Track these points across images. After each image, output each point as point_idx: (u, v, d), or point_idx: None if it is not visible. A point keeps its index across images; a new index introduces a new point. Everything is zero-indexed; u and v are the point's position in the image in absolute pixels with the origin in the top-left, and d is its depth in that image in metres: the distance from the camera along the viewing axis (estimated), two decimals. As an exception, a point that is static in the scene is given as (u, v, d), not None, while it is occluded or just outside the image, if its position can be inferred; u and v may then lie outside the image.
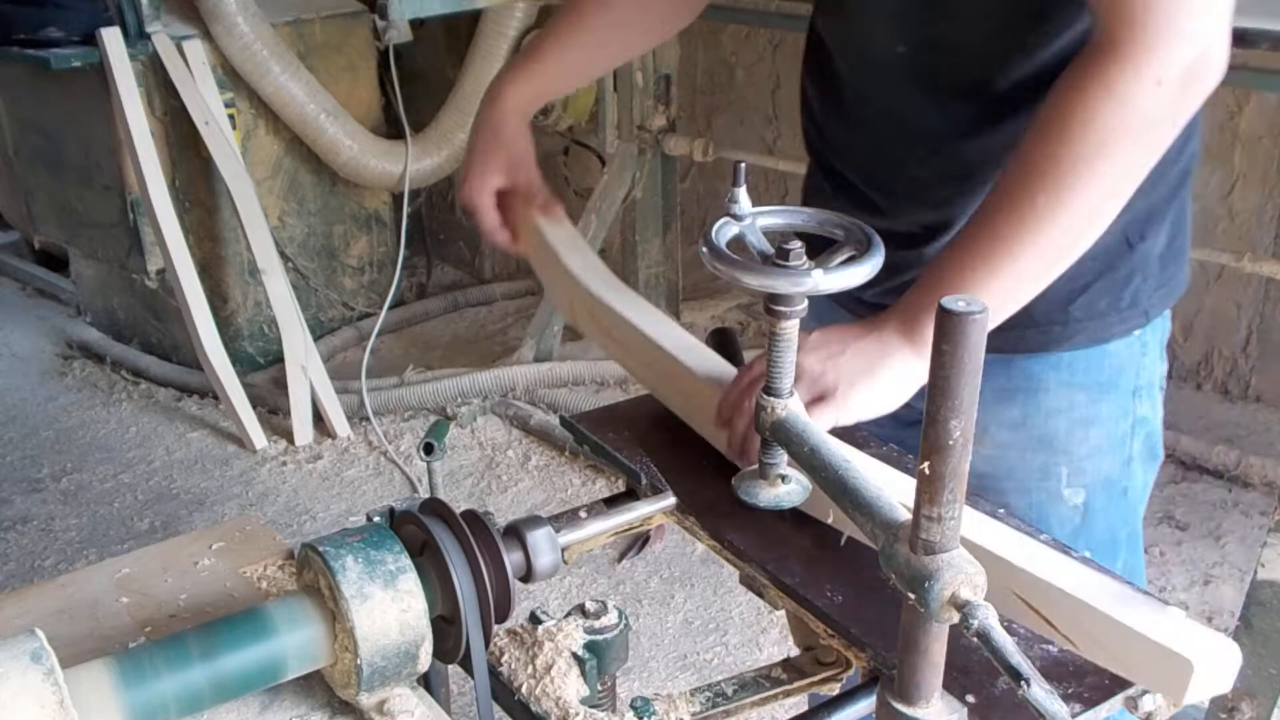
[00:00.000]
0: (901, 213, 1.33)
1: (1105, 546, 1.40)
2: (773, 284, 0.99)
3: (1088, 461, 1.37)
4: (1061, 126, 1.06)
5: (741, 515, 1.15)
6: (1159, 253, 1.33)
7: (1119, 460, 1.39)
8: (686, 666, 2.66)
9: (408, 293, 4.57)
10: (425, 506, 0.99)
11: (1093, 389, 1.34)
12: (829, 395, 1.12)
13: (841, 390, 1.12)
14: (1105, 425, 1.37)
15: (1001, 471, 1.35)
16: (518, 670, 1.03)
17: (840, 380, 1.13)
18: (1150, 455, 1.43)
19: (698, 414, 1.27)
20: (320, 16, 3.93)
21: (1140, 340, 1.36)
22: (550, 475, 3.40)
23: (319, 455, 3.52)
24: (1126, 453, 1.39)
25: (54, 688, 0.80)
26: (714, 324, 4.11)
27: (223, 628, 0.91)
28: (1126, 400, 1.37)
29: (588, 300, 1.38)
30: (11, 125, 4.10)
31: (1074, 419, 1.35)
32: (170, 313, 3.86)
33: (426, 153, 4.10)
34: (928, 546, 0.81)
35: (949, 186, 1.29)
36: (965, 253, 1.12)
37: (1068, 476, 1.37)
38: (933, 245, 1.31)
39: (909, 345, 1.13)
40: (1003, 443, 1.35)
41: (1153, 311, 1.35)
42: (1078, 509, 1.38)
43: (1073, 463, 1.36)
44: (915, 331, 1.12)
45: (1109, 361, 1.35)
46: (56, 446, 3.63)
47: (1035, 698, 0.77)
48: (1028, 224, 1.08)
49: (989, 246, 1.10)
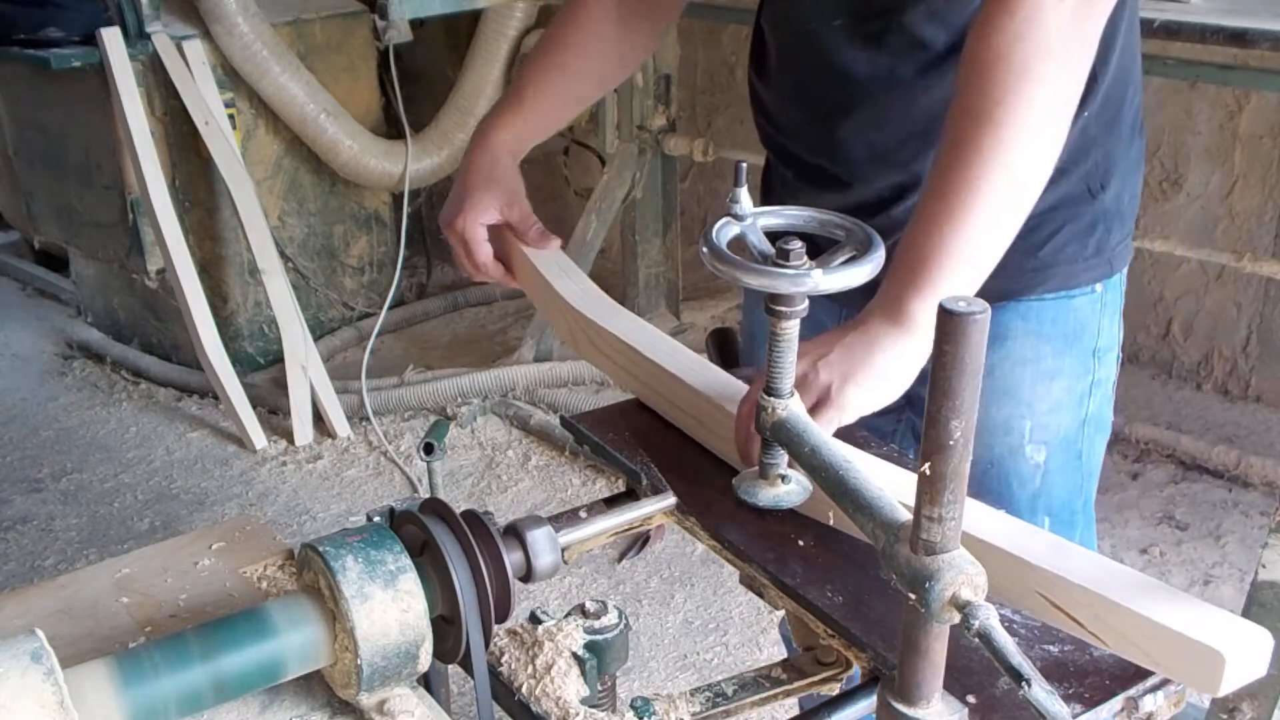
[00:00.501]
0: (867, 179, 1.36)
1: (1064, 515, 1.44)
2: (773, 284, 0.99)
3: (1049, 417, 1.39)
4: (982, 64, 1.09)
5: (741, 515, 1.15)
6: (1122, 207, 1.38)
7: (1077, 419, 1.42)
8: (686, 666, 2.66)
9: (408, 293, 4.57)
10: (425, 506, 0.99)
11: (1057, 340, 1.38)
12: (824, 398, 1.12)
13: (835, 388, 1.11)
14: (1067, 380, 1.40)
15: None
16: (518, 670, 1.03)
17: (833, 379, 1.12)
18: (1102, 424, 1.46)
19: (708, 432, 1.26)
20: (320, 16, 3.93)
21: (1101, 300, 1.40)
22: (550, 475, 3.40)
23: (319, 455, 3.52)
24: (1084, 413, 1.42)
25: (54, 688, 0.80)
26: (714, 324, 4.11)
27: (223, 628, 0.91)
28: (1088, 359, 1.41)
29: (587, 326, 1.39)
30: (11, 125, 4.10)
31: (1039, 371, 1.38)
32: (170, 313, 3.86)
33: (426, 153, 4.10)
34: (928, 547, 0.81)
35: (910, 146, 1.32)
36: (927, 220, 1.12)
37: (1030, 431, 1.39)
38: (902, 205, 1.34)
39: (896, 327, 1.12)
40: None
41: (1116, 263, 1.40)
42: (1039, 467, 1.40)
43: (1035, 417, 1.39)
44: (900, 312, 1.12)
45: (1073, 316, 1.39)
46: (57, 446, 3.63)
47: (1036, 698, 0.77)
48: (975, 170, 1.09)
49: (948, 206, 1.10)
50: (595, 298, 1.43)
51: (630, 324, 1.37)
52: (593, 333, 1.38)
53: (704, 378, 1.27)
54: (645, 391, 1.35)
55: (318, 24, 3.92)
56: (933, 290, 1.10)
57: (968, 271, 1.12)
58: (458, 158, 4.16)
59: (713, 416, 1.23)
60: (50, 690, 0.79)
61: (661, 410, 1.34)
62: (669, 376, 1.29)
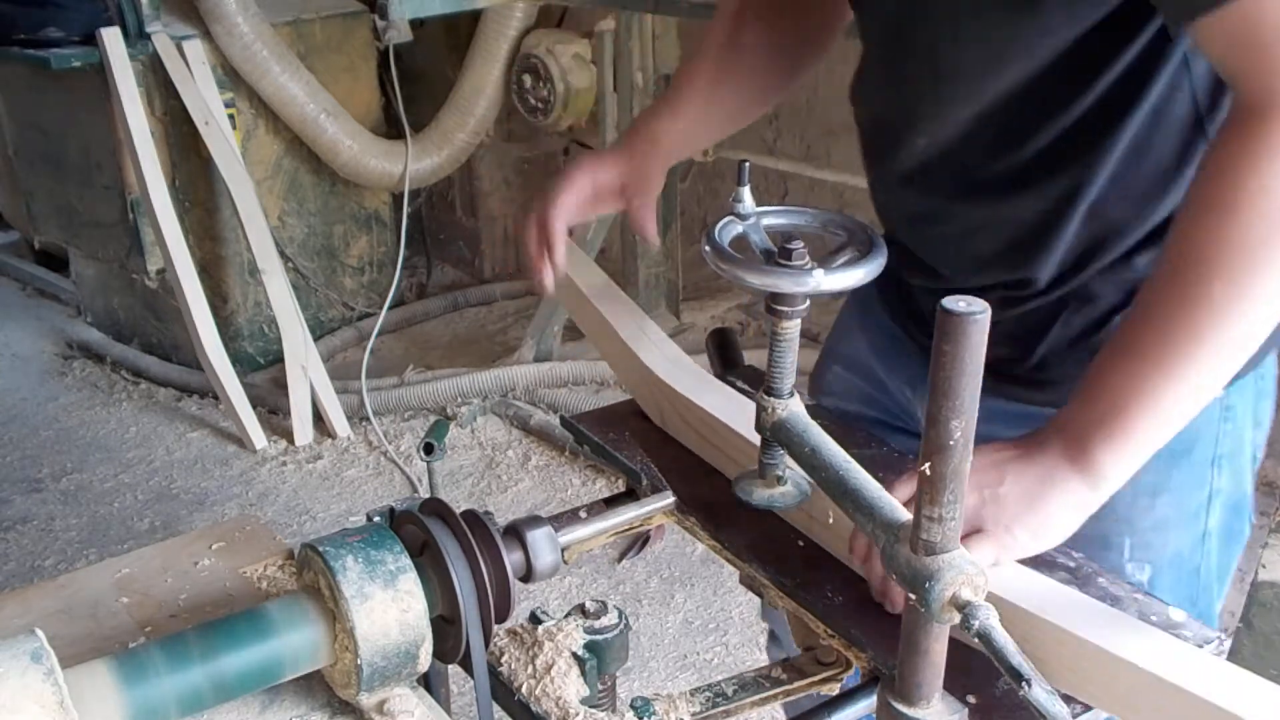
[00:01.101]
0: (972, 279, 1.25)
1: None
2: (775, 283, 0.99)
3: (1153, 535, 1.24)
4: (1229, 203, 0.95)
5: (741, 515, 1.15)
6: None
7: (1192, 536, 1.26)
8: (686, 666, 2.66)
9: (408, 293, 4.57)
10: (425, 506, 0.99)
11: (1161, 455, 1.15)
12: (988, 530, 1.02)
13: (1005, 526, 1.02)
14: (1174, 495, 1.23)
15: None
16: (518, 670, 1.03)
17: (1002, 515, 1.02)
18: (1231, 535, 1.29)
19: (822, 528, 1.17)
20: (320, 16, 3.93)
21: (1222, 404, 1.21)
22: (550, 475, 3.40)
23: (319, 455, 3.52)
24: (1200, 528, 1.26)
25: (54, 688, 0.80)
26: (714, 324, 4.11)
27: (223, 628, 0.91)
28: (1203, 470, 1.23)
29: (675, 400, 1.30)
30: (12, 125, 4.10)
31: (1138, 486, 1.17)
32: (170, 313, 3.86)
33: (426, 153, 4.10)
34: (928, 547, 0.81)
35: (1010, 256, 1.21)
36: (1133, 356, 1.00)
37: (1130, 549, 1.24)
38: (1023, 306, 1.23)
39: (1076, 473, 1.02)
40: None
41: (1250, 363, 1.17)
42: (1141, 586, 1.21)
43: (1136, 535, 1.24)
44: (1086, 459, 1.01)
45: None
46: (57, 446, 3.62)
47: (1036, 698, 0.77)
48: (1203, 318, 0.96)
49: (1160, 350, 0.98)
50: (683, 366, 1.33)
51: (723, 401, 1.28)
52: (681, 406, 1.29)
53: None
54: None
55: (318, 24, 3.92)
56: (1127, 445, 1.00)
57: (1166, 432, 1.01)
58: (458, 158, 4.17)
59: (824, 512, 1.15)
60: (50, 690, 0.79)
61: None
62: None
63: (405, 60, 4.15)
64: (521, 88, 3.99)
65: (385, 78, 4.12)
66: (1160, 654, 0.90)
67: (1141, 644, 0.91)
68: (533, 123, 4.12)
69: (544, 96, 3.94)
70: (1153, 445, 1.01)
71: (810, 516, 1.14)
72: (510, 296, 4.55)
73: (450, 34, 4.26)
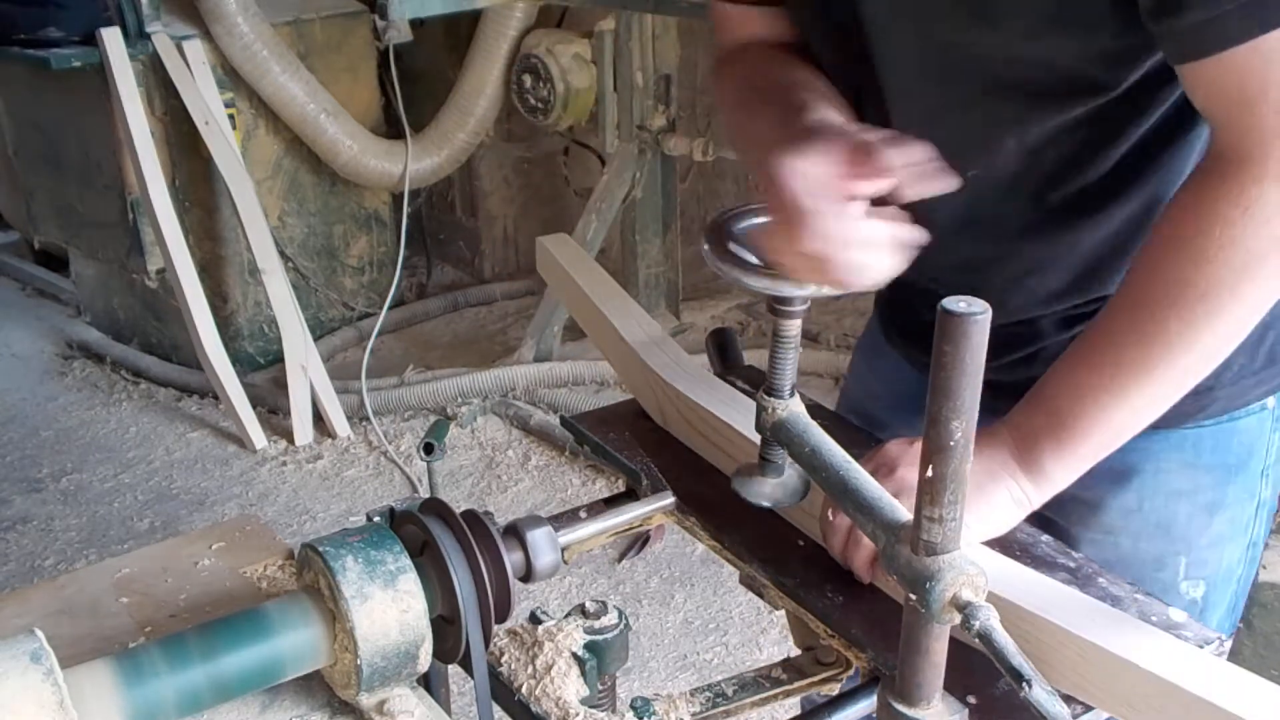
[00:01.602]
0: (1034, 313, 1.24)
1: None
2: (776, 286, 0.99)
3: (1208, 552, 1.24)
4: (1195, 248, 0.97)
5: (741, 515, 1.15)
6: None
7: (1240, 548, 1.26)
8: (686, 666, 2.65)
9: (408, 293, 4.57)
10: (425, 506, 0.99)
11: (1218, 471, 1.21)
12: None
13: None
14: (1230, 511, 1.23)
15: (1110, 559, 1.20)
16: (518, 670, 1.03)
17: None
18: (1261, 541, 1.30)
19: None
20: (320, 16, 3.93)
21: (1274, 415, 1.22)
22: (550, 475, 3.40)
23: (319, 455, 3.52)
24: (1248, 539, 1.27)
25: (53, 688, 0.79)
26: (714, 324, 4.11)
27: (223, 628, 0.91)
28: (1254, 482, 1.24)
29: (679, 401, 1.29)
30: (11, 125, 4.10)
31: (1197, 504, 1.22)
32: (170, 313, 3.86)
33: (426, 152, 4.10)
34: (929, 547, 0.81)
35: (1082, 285, 1.20)
36: (1089, 371, 1.04)
37: (1186, 568, 1.24)
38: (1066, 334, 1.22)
39: (1023, 472, 1.06)
40: (1114, 528, 1.23)
41: None
42: (1195, 603, 1.24)
43: (1192, 553, 1.23)
44: (1031, 457, 1.05)
45: (1238, 441, 1.21)
46: (56, 447, 3.62)
47: (1037, 699, 0.77)
48: (1157, 351, 1.00)
49: (1114, 372, 1.02)
50: (685, 365, 1.32)
51: (726, 400, 1.27)
52: (684, 406, 1.28)
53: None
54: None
55: (318, 24, 3.92)
56: (1073, 455, 1.04)
57: (1115, 443, 1.05)
58: (458, 158, 4.17)
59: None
60: (50, 690, 0.79)
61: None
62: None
63: (405, 60, 4.15)
64: (521, 87, 3.99)
65: (385, 78, 4.12)
66: (1161, 654, 0.90)
67: (1143, 644, 0.91)
68: (533, 123, 4.12)
69: (544, 96, 3.94)
70: (1096, 457, 1.06)
71: (810, 515, 1.14)
72: (510, 296, 4.55)
73: (450, 34, 4.26)
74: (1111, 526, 1.23)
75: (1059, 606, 0.97)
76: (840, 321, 4.05)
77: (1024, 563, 1.08)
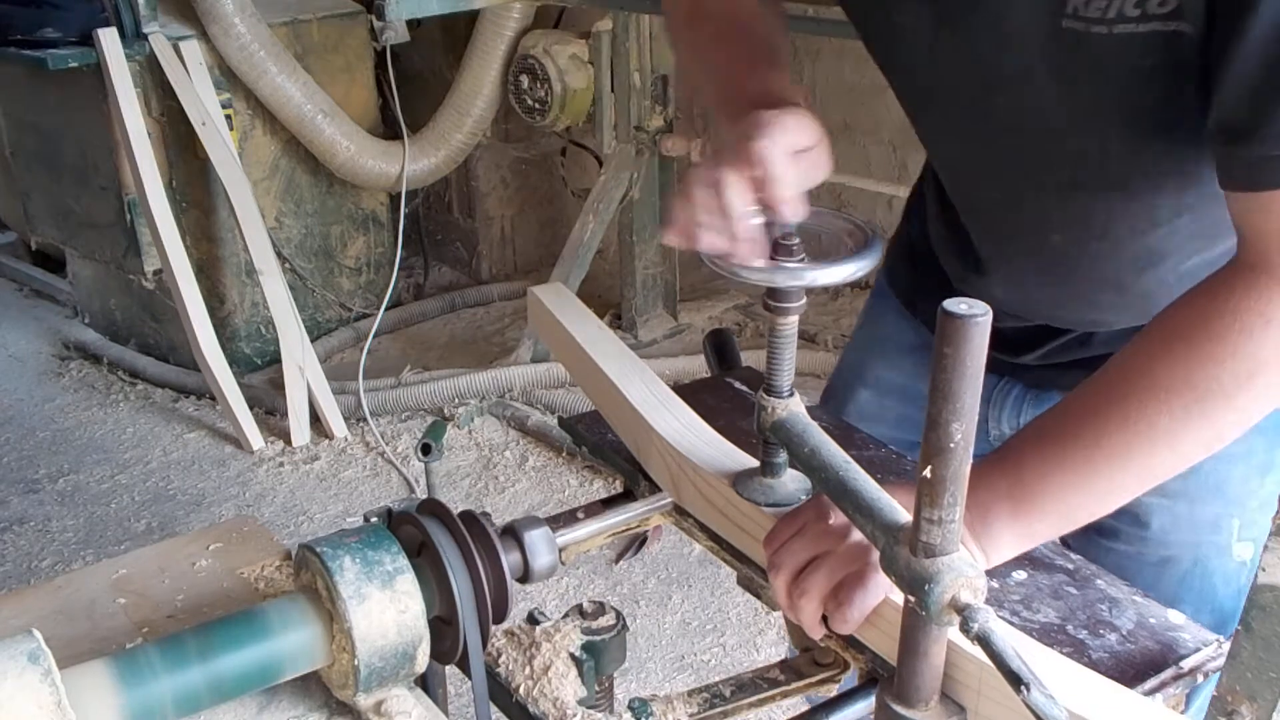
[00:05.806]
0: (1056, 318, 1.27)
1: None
2: (770, 278, 0.99)
3: (1259, 514, 1.25)
4: (1204, 352, 0.95)
5: (740, 516, 1.14)
6: None
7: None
8: (684, 667, 2.65)
9: (405, 293, 4.57)
10: (422, 507, 0.99)
11: (1271, 433, 1.18)
12: (862, 571, 0.99)
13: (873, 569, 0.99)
14: (1279, 473, 1.25)
15: (1168, 524, 1.24)
16: (515, 671, 1.03)
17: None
18: None
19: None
20: (317, 17, 3.93)
21: None
22: (547, 476, 3.40)
23: (316, 456, 3.51)
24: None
25: (51, 688, 0.79)
26: (712, 325, 4.11)
27: (220, 628, 0.90)
28: None
29: (687, 468, 1.18)
30: (8, 126, 4.09)
31: (1251, 466, 1.23)
32: (167, 313, 3.85)
33: (424, 153, 4.10)
34: (928, 549, 0.81)
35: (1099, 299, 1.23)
36: (1062, 446, 1.00)
37: (1239, 529, 1.25)
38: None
39: (972, 537, 1.00)
40: (1173, 492, 1.21)
41: None
42: (1244, 565, 1.26)
43: (1245, 514, 1.25)
44: (985, 529, 1.00)
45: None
46: (53, 447, 3.62)
47: (1035, 702, 0.77)
48: (1139, 443, 0.97)
49: (1089, 454, 0.99)
50: (700, 433, 1.21)
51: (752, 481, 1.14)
52: (701, 482, 1.16)
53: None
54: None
55: (315, 24, 3.92)
56: (1028, 530, 1.01)
57: (1071, 525, 1.03)
58: (455, 158, 4.17)
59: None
60: (48, 691, 0.79)
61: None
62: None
63: (402, 61, 4.15)
64: (519, 88, 4.00)
65: (382, 78, 4.12)
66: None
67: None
68: (530, 123, 4.12)
69: (541, 97, 3.94)
70: (1047, 537, 1.04)
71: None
72: (507, 297, 4.55)
73: (447, 34, 4.26)
74: (1171, 491, 1.19)
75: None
76: (838, 322, 4.05)
77: (1023, 565, 1.08)
